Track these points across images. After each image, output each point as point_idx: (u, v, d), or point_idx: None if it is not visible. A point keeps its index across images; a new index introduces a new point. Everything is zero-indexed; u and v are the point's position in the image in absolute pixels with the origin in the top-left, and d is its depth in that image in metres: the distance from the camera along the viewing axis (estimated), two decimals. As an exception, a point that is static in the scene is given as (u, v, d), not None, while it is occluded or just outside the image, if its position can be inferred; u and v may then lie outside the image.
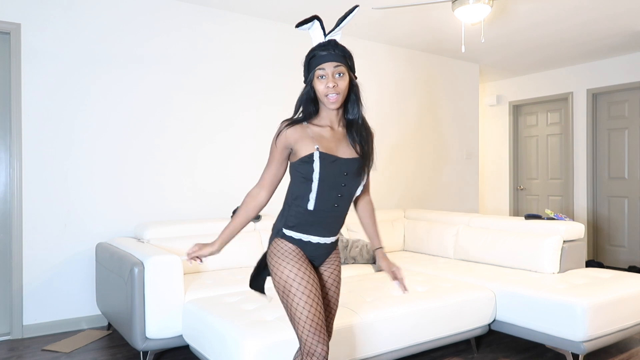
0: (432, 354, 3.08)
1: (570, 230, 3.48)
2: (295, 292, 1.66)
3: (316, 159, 1.66)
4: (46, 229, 3.49)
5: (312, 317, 1.64)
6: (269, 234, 3.79)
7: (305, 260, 1.73)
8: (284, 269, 1.70)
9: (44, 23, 3.48)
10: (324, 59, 1.64)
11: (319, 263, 1.83)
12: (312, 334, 1.64)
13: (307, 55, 1.69)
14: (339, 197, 1.72)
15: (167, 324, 2.76)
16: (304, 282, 1.67)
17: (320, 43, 1.68)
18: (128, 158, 3.78)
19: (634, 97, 5.70)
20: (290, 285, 1.67)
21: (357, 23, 4.51)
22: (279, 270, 1.71)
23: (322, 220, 1.72)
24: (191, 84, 4.06)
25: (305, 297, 1.65)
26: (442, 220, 4.34)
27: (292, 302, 1.67)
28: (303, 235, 1.74)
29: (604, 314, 2.76)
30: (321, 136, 1.71)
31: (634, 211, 5.73)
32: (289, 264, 1.70)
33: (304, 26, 1.69)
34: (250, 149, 4.35)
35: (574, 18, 4.43)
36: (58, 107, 3.53)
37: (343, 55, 1.67)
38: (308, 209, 1.71)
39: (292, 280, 1.67)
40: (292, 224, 1.74)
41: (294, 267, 1.69)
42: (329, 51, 1.65)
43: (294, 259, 1.71)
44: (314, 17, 1.68)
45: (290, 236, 1.75)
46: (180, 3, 4.00)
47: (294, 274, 1.68)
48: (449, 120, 5.87)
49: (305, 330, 1.64)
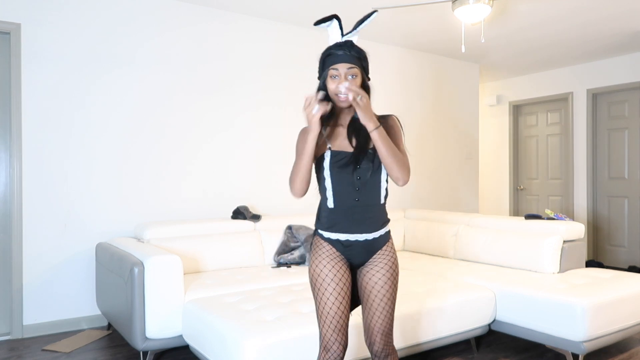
0: (432, 354, 3.08)
1: (570, 230, 3.48)
2: (319, 288, 1.74)
3: (327, 157, 1.73)
4: (46, 229, 3.49)
5: (334, 315, 1.71)
6: (268, 233, 3.82)
7: (337, 259, 1.77)
8: (315, 265, 1.77)
9: (44, 23, 3.48)
10: (339, 59, 1.68)
11: (358, 262, 1.81)
12: (331, 330, 1.71)
13: (324, 53, 1.73)
14: (357, 191, 1.74)
15: (167, 324, 2.76)
16: (329, 279, 1.73)
17: (337, 42, 1.72)
18: (128, 158, 3.79)
19: (634, 97, 5.70)
20: (316, 280, 1.75)
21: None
22: (311, 266, 1.79)
23: (346, 217, 1.75)
24: (191, 84, 4.06)
25: (328, 294, 1.72)
26: (442, 220, 4.33)
27: (316, 298, 1.75)
28: (331, 234, 1.78)
29: (604, 314, 2.75)
30: (333, 134, 1.78)
31: (634, 211, 5.73)
32: (319, 261, 1.76)
33: (323, 24, 1.73)
34: (250, 148, 4.35)
35: (574, 18, 4.43)
36: (58, 107, 3.53)
37: (358, 57, 1.70)
38: (329, 207, 1.77)
39: (318, 276, 1.75)
40: (321, 223, 1.82)
41: (323, 264, 1.75)
42: (345, 51, 1.69)
43: (325, 256, 1.76)
44: (333, 16, 1.71)
45: (323, 235, 1.81)
46: (180, 3, 4.00)
47: (319, 270, 1.75)
48: (449, 120, 5.87)
49: (325, 326, 1.72)
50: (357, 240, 1.76)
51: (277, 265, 3.69)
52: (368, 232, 1.77)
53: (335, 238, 1.77)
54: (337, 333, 1.71)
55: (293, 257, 3.74)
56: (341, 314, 1.72)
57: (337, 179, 1.73)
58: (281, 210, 4.50)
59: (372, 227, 1.77)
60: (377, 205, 1.78)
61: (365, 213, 1.75)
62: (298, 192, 1.74)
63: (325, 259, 1.75)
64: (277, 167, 4.50)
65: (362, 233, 1.76)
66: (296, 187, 1.73)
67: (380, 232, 1.80)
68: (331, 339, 1.71)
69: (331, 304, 1.72)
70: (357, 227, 1.75)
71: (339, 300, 1.72)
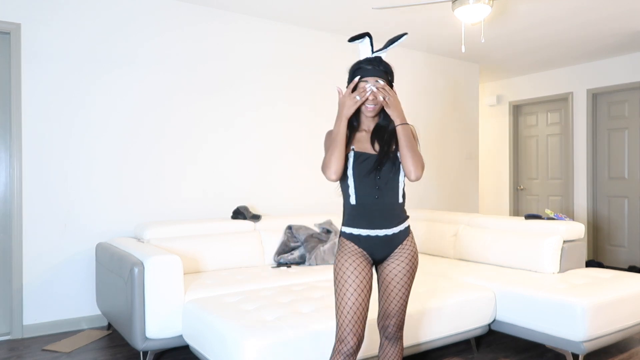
0: (432, 354, 3.08)
1: (570, 230, 3.48)
2: (339, 281, 1.85)
3: (350, 157, 1.89)
4: (46, 229, 3.49)
5: (351, 306, 1.81)
6: (268, 233, 3.82)
7: (359, 255, 1.89)
8: (338, 262, 1.89)
9: (44, 23, 3.48)
10: (368, 73, 1.87)
11: (380, 257, 1.94)
12: (348, 322, 1.80)
13: (354, 66, 1.92)
14: (378, 190, 1.88)
15: (167, 324, 2.76)
16: (349, 273, 1.84)
17: (368, 57, 1.90)
18: (128, 158, 3.79)
19: (634, 97, 5.70)
20: (337, 274, 1.87)
21: (357, 23, 4.51)
22: (335, 263, 1.91)
23: (367, 213, 1.88)
24: (191, 84, 4.06)
25: (348, 286, 1.82)
26: (442, 220, 4.34)
27: (336, 291, 1.86)
28: (354, 230, 1.91)
29: (604, 314, 2.76)
30: (356, 137, 1.94)
31: (634, 211, 5.73)
32: (342, 257, 1.88)
33: (356, 41, 1.91)
34: (250, 148, 4.35)
35: (574, 18, 4.43)
36: (58, 107, 3.53)
37: (385, 71, 1.90)
38: (352, 204, 1.90)
39: (339, 270, 1.86)
40: (345, 220, 1.94)
41: (345, 259, 1.87)
42: (374, 66, 1.87)
43: (348, 253, 1.88)
44: (366, 34, 1.90)
45: (345, 232, 1.93)
46: (180, 3, 4.00)
47: (341, 264, 1.86)
48: (449, 120, 5.87)
49: (342, 317, 1.82)
50: (377, 235, 1.89)
51: (277, 265, 3.69)
52: (388, 227, 1.90)
53: (357, 233, 1.90)
54: (352, 325, 1.80)
55: (293, 257, 3.74)
56: (359, 306, 1.82)
57: (359, 178, 1.88)
58: (281, 210, 4.50)
59: (392, 223, 1.91)
60: (396, 204, 1.92)
61: (385, 211, 1.89)
62: (335, 173, 1.85)
63: (347, 255, 1.87)
64: (277, 167, 4.50)
65: (382, 229, 1.89)
66: (332, 167, 1.84)
67: (399, 228, 1.93)
68: (346, 330, 1.80)
69: (350, 295, 1.82)
70: (378, 223, 1.89)
71: (358, 292, 1.82)
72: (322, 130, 4.77)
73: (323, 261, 3.70)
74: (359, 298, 1.82)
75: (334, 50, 4.82)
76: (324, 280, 3.23)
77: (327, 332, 2.32)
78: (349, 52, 4.97)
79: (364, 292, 1.84)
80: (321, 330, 2.32)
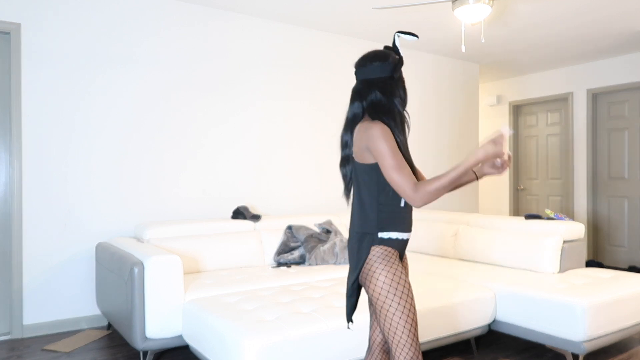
0: (432, 354, 3.08)
1: (570, 230, 3.48)
2: (408, 296, 1.71)
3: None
4: (46, 229, 3.49)
5: (416, 323, 1.72)
6: (268, 233, 3.82)
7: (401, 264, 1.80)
8: (396, 272, 1.73)
9: (44, 23, 3.48)
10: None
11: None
12: (417, 339, 1.69)
13: (395, 57, 1.94)
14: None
15: (167, 324, 2.76)
16: (408, 286, 1.73)
17: (401, 56, 1.95)
18: (127, 157, 3.79)
19: (634, 97, 5.70)
20: (404, 288, 1.71)
21: (356, 23, 4.51)
22: (393, 273, 1.73)
23: (408, 216, 1.82)
24: (190, 84, 4.06)
25: (411, 301, 1.72)
26: (442, 220, 4.34)
27: (406, 305, 1.70)
28: (399, 234, 1.78)
29: (604, 314, 2.76)
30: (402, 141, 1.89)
31: (634, 211, 5.73)
32: (398, 269, 1.73)
33: (407, 36, 1.99)
34: (250, 148, 4.35)
35: (574, 18, 4.43)
36: (58, 106, 3.53)
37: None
38: (401, 206, 1.78)
39: (404, 283, 1.72)
40: (386, 224, 1.76)
41: (401, 271, 1.73)
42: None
43: (397, 261, 1.75)
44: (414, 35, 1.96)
45: (388, 238, 1.76)
46: (180, 3, 4.00)
47: (400, 274, 1.72)
48: (449, 120, 5.87)
49: (412, 334, 1.69)
50: (409, 238, 1.86)
51: (277, 265, 3.69)
52: (411, 230, 1.87)
53: (400, 237, 1.78)
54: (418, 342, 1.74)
55: (293, 257, 3.74)
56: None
57: None
58: (281, 210, 4.50)
59: (411, 226, 1.88)
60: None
61: (411, 213, 1.86)
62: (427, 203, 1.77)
63: (398, 263, 1.75)
64: (278, 167, 4.50)
65: (411, 231, 1.86)
66: (432, 201, 1.73)
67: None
68: (418, 347, 1.70)
69: (415, 315, 1.73)
70: (410, 226, 1.85)
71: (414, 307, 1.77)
72: (323, 130, 4.78)
73: (323, 261, 3.71)
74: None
75: (333, 51, 4.81)
76: (324, 280, 3.23)
77: (327, 332, 2.32)
78: (349, 52, 4.98)
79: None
80: (321, 330, 2.32)
